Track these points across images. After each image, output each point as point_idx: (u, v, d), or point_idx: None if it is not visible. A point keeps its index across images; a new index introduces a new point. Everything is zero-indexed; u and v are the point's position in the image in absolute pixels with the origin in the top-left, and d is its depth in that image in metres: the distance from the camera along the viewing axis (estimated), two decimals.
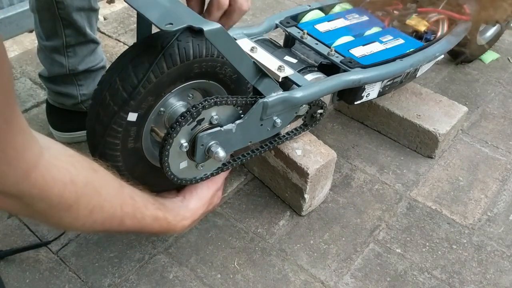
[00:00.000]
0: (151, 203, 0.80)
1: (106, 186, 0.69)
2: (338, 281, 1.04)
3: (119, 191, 0.72)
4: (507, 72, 1.70)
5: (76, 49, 1.16)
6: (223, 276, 1.04)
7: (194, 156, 0.88)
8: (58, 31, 1.11)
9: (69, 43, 1.14)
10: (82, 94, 1.23)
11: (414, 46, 1.20)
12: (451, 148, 1.38)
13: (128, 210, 0.73)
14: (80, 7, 1.09)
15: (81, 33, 1.13)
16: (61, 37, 1.12)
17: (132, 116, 0.80)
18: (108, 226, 0.71)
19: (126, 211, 0.73)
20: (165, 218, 0.83)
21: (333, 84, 1.03)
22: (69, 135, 1.29)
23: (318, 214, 1.18)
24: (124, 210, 0.72)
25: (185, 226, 0.89)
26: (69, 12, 1.07)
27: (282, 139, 1.08)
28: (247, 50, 0.99)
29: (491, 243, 1.14)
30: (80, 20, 1.11)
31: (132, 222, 0.75)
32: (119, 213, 0.71)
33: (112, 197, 0.69)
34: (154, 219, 0.80)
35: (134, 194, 0.76)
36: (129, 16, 1.87)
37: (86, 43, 1.17)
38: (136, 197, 0.76)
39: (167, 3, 0.75)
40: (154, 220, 0.80)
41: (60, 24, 1.10)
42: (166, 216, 0.83)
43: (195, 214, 0.91)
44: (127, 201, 0.73)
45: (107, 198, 0.68)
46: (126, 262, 1.05)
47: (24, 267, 1.03)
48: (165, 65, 0.78)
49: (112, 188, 0.70)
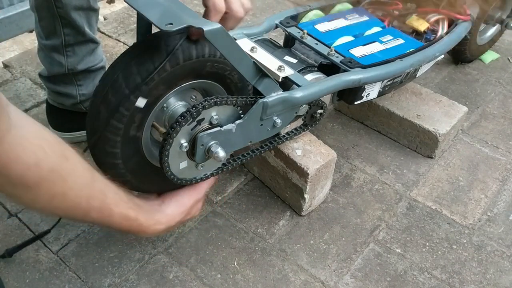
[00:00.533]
0: (124, 201, 0.78)
1: (75, 175, 0.67)
2: (338, 281, 1.04)
3: (89, 183, 0.70)
4: (507, 72, 1.70)
5: (75, 49, 1.16)
6: (223, 276, 1.04)
7: (194, 156, 0.88)
8: (57, 30, 1.12)
9: (68, 42, 1.14)
10: (81, 94, 1.23)
11: (414, 46, 1.20)
12: (451, 148, 1.38)
13: (95, 204, 0.71)
14: (79, 6, 1.09)
15: (80, 32, 1.13)
16: (60, 36, 1.13)
17: (141, 102, 0.80)
18: (72, 215, 0.70)
19: (93, 204, 0.71)
20: (136, 219, 0.80)
21: (333, 84, 1.03)
22: (69, 135, 1.29)
23: (318, 214, 1.18)
24: (91, 204, 0.70)
25: (158, 231, 0.86)
26: (67, 10, 1.08)
27: (282, 139, 1.08)
28: (247, 50, 0.99)
29: (491, 243, 1.14)
30: (79, 19, 1.11)
31: (98, 216, 0.73)
32: (84, 205, 0.69)
33: (79, 188, 0.67)
34: (124, 218, 0.78)
35: (106, 189, 0.74)
36: (129, 16, 1.87)
37: (85, 43, 1.17)
38: (107, 192, 0.74)
39: (167, 3, 0.75)
40: (123, 219, 0.78)
41: (59, 22, 1.10)
42: (138, 217, 0.81)
43: (170, 221, 0.89)
44: (96, 194, 0.71)
45: (73, 187, 0.66)
46: (126, 262, 1.05)
47: (24, 267, 1.03)
48: (182, 56, 0.79)
49: (81, 178, 0.68)
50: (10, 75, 1.55)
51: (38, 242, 1.07)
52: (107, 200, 0.73)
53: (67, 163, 0.65)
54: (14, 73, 1.55)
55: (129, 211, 0.79)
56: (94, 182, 0.72)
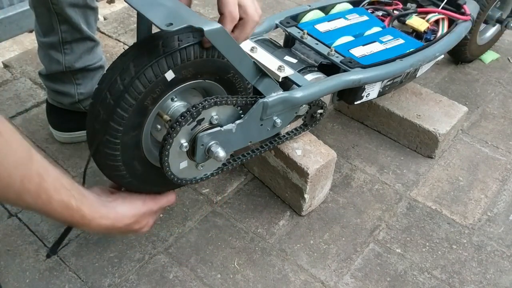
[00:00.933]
0: (66, 188, 0.71)
1: (7, 152, 0.61)
2: (338, 281, 1.04)
3: (25, 163, 0.64)
4: (507, 72, 1.70)
5: (72, 46, 1.16)
6: (223, 276, 1.04)
7: (194, 156, 0.88)
8: (55, 27, 1.13)
9: (65, 39, 1.15)
10: (80, 93, 1.23)
11: (414, 46, 1.20)
12: (451, 148, 1.38)
13: (30, 187, 0.65)
14: (74, 3, 1.09)
15: (76, 29, 1.14)
16: (57, 33, 1.13)
17: (170, 75, 0.79)
18: (3, 197, 0.64)
19: (28, 187, 0.65)
20: (78, 209, 0.74)
21: (333, 84, 1.03)
22: (69, 135, 1.29)
23: (318, 214, 1.18)
24: (26, 186, 0.64)
25: (103, 226, 0.79)
26: (63, 7, 1.08)
27: (282, 139, 1.08)
28: (247, 50, 0.99)
29: (491, 243, 1.14)
30: (75, 16, 1.11)
31: (35, 201, 0.67)
32: (17, 186, 0.63)
33: (11, 166, 0.62)
34: (65, 207, 0.72)
35: (46, 173, 0.67)
36: (129, 16, 1.87)
37: (83, 40, 1.17)
38: (47, 176, 0.67)
39: (167, 3, 0.75)
40: (64, 208, 0.72)
41: (56, 19, 1.11)
42: (81, 208, 0.74)
43: (118, 220, 0.82)
44: (31, 176, 0.65)
45: (4, 164, 0.60)
46: (126, 262, 1.05)
47: (24, 267, 1.03)
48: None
49: (15, 156, 0.62)
50: (10, 75, 1.55)
51: (38, 242, 1.07)
52: (45, 185, 0.67)
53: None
54: (14, 73, 1.55)
55: (71, 200, 0.72)
56: (32, 162, 0.65)
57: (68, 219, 0.73)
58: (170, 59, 0.78)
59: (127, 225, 0.84)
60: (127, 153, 0.84)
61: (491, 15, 1.58)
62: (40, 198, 0.67)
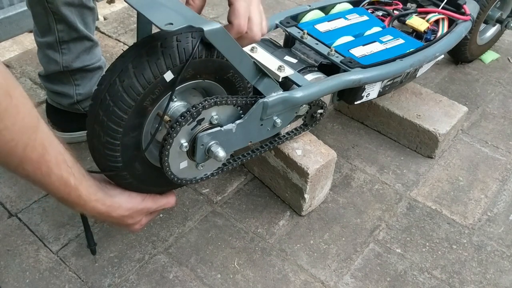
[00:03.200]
0: (67, 165, 0.70)
1: (15, 116, 0.60)
2: (338, 281, 1.04)
3: (31, 131, 0.63)
4: (507, 72, 1.70)
5: (70, 46, 1.16)
6: (223, 276, 1.04)
7: (194, 156, 0.88)
8: (51, 26, 1.12)
9: (62, 39, 1.15)
10: (78, 93, 1.23)
11: (414, 46, 1.20)
12: (451, 148, 1.38)
13: (32, 156, 0.64)
14: (70, 2, 1.09)
15: (73, 29, 1.14)
16: (54, 32, 1.13)
17: (169, 75, 0.79)
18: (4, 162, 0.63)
19: (30, 156, 0.64)
20: (76, 188, 0.72)
21: (333, 84, 1.03)
22: (69, 135, 1.29)
23: (318, 214, 1.18)
24: (28, 154, 0.63)
25: (96, 210, 0.78)
26: (58, 6, 1.08)
27: (282, 139, 1.08)
28: (247, 50, 0.98)
29: (491, 243, 1.14)
30: (70, 15, 1.11)
31: (34, 171, 0.66)
32: (20, 153, 0.62)
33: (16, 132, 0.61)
34: (63, 183, 0.70)
35: (50, 145, 0.66)
36: (129, 16, 1.87)
37: (80, 40, 1.17)
38: (50, 149, 0.66)
39: (167, 3, 0.75)
40: (61, 184, 0.70)
41: (52, 19, 1.11)
42: (78, 187, 0.73)
43: (113, 209, 0.81)
44: (35, 146, 0.64)
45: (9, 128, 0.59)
46: (126, 262, 1.05)
47: (24, 267, 1.03)
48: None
49: (22, 122, 0.61)
50: None
51: (38, 242, 1.07)
52: (47, 157, 0.66)
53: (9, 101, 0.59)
54: (14, 73, 1.55)
55: (70, 177, 0.71)
56: (37, 132, 0.64)
57: (64, 196, 0.73)
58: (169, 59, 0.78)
59: (121, 217, 0.84)
60: (127, 153, 0.84)
61: (491, 15, 1.59)
62: (40, 170, 0.67)
